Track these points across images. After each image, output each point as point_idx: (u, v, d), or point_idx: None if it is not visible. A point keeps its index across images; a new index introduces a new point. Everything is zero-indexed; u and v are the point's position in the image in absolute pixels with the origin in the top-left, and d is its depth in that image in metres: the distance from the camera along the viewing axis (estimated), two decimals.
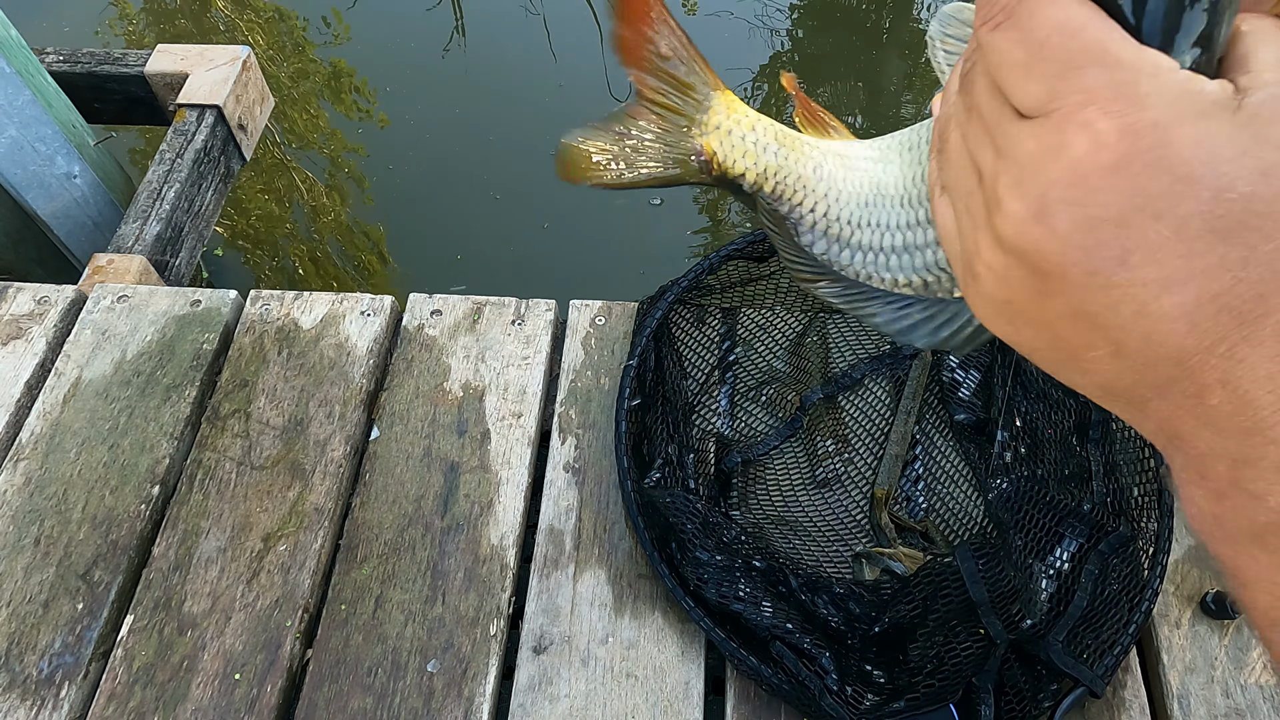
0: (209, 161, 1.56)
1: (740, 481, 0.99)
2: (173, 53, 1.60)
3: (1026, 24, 0.26)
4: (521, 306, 1.08)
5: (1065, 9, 0.26)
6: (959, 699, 0.75)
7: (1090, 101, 0.25)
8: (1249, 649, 0.85)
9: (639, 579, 0.89)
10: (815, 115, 0.38)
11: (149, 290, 1.10)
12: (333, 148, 2.30)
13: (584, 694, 0.83)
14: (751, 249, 0.96)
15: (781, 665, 0.78)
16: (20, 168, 1.46)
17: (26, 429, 0.99)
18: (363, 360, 1.04)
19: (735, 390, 1.04)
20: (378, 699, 0.83)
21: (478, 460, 0.97)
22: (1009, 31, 0.27)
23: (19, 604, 0.88)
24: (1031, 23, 0.26)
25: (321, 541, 0.92)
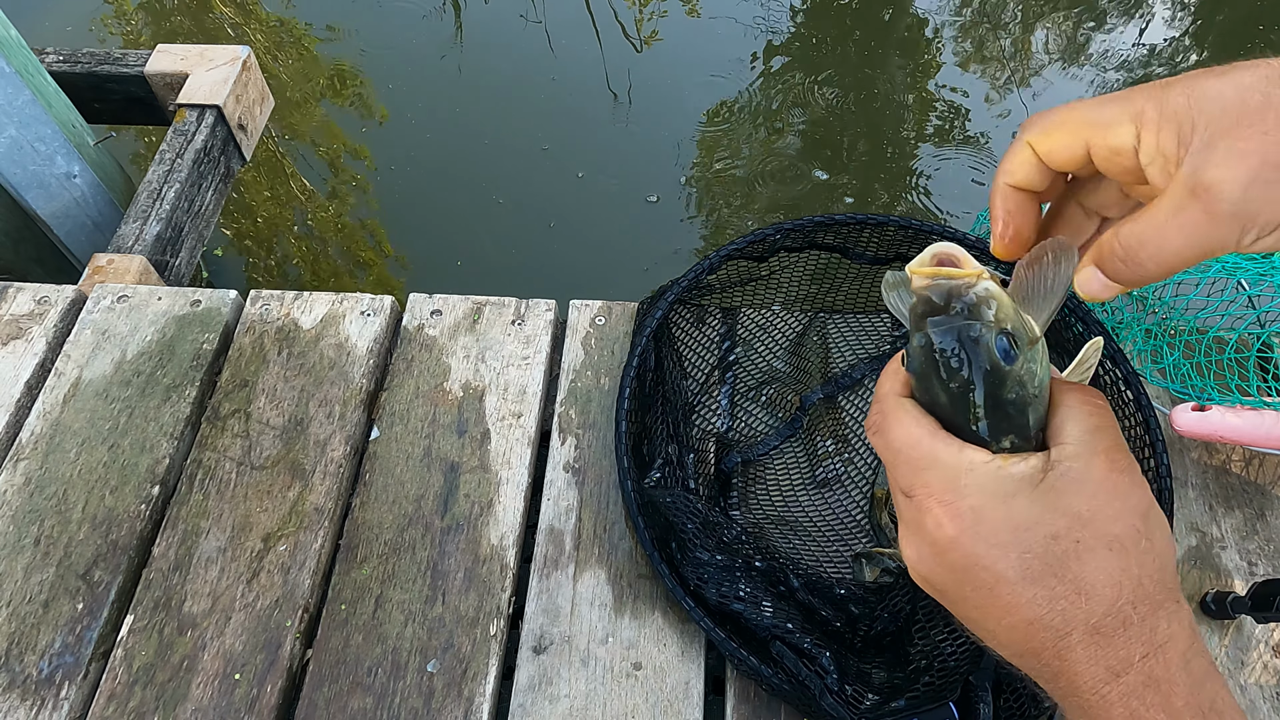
0: (209, 161, 1.56)
1: (740, 481, 0.99)
2: (173, 53, 1.60)
3: (888, 437, 0.40)
4: (521, 306, 1.08)
5: (908, 429, 0.39)
6: (958, 697, 0.75)
7: (930, 494, 0.38)
8: (1249, 649, 0.85)
9: (639, 579, 0.89)
10: None
11: (149, 290, 1.10)
12: (333, 147, 2.30)
13: (584, 694, 0.83)
14: (751, 249, 0.96)
15: (781, 665, 0.78)
16: (20, 167, 1.46)
17: (26, 429, 0.99)
18: (363, 360, 1.04)
19: (735, 390, 1.04)
20: (378, 699, 0.83)
21: (478, 460, 0.97)
22: (879, 439, 0.41)
23: (19, 604, 0.88)
24: (890, 437, 0.40)
25: (321, 541, 0.92)
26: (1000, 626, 0.37)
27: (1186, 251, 0.35)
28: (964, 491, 0.37)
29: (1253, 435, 0.90)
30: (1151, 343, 0.96)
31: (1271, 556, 0.91)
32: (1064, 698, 0.37)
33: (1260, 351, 0.91)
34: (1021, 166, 0.41)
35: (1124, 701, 0.34)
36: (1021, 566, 0.36)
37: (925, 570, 0.39)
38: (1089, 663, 0.35)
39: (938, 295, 0.39)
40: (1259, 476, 0.95)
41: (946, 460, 0.38)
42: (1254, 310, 0.91)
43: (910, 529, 0.39)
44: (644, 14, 2.63)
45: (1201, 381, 0.92)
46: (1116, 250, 0.37)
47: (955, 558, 0.37)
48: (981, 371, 0.38)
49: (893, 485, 0.41)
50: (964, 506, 0.37)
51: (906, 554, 0.40)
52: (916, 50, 2.59)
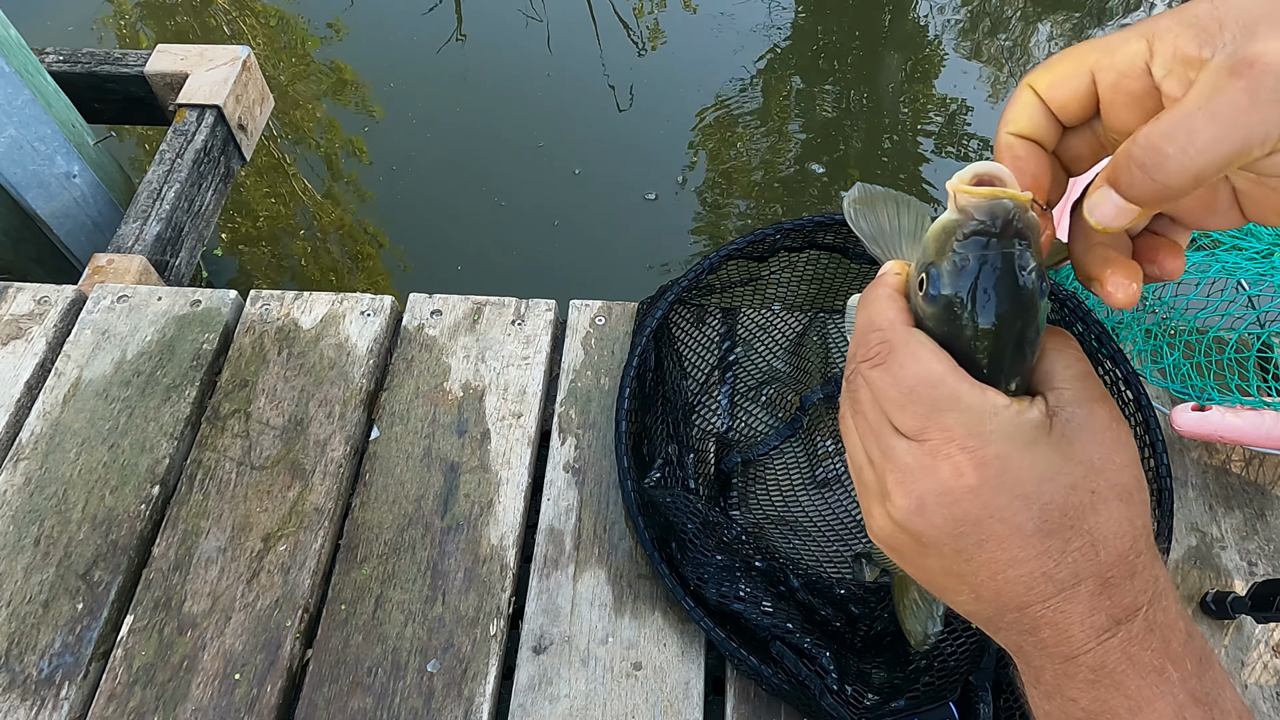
0: (209, 161, 1.56)
1: (740, 481, 0.99)
2: (173, 53, 1.60)
3: (898, 372, 0.36)
4: (521, 306, 1.08)
5: (927, 364, 0.36)
6: (958, 697, 0.75)
7: (951, 439, 0.35)
8: (1249, 649, 0.85)
9: (639, 579, 0.89)
10: None
11: (149, 290, 1.10)
12: (333, 147, 2.30)
13: (584, 694, 0.83)
14: (751, 249, 0.96)
15: (781, 665, 0.78)
16: (20, 167, 1.46)
17: (26, 429, 0.99)
18: (363, 360, 1.04)
19: (735, 390, 1.04)
20: (378, 699, 0.83)
21: (478, 460, 0.97)
22: (884, 374, 0.37)
23: (19, 604, 0.88)
24: (902, 372, 0.36)
25: (321, 541, 0.92)
26: (994, 580, 0.35)
27: (1220, 146, 0.30)
28: (989, 438, 0.35)
29: (1253, 435, 0.90)
30: (1151, 343, 0.96)
31: (1271, 556, 0.91)
32: (1043, 648, 0.35)
33: (1260, 351, 0.91)
34: (1023, 112, 0.37)
35: (1123, 647, 0.34)
36: (1041, 518, 0.34)
37: (917, 522, 0.36)
38: (1091, 613, 0.34)
39: (989, 217, 0.35)
40: (1259, 476, 0.95)
41: (970, 402, 0.35)
42: (1254, 310, 0.91)
43: (911, 477, 0.36)
44: (644, 12, 2.63)
45: (1201, 381, 0.92)
46: (1134, 154, 0.32)
47: (968, 508, 0.35)
48: (1021, 305, 0.35)
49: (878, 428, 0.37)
50: (989, 454, 0.34)
51: (896, 503, 0.36)
52: (917, 49, 2.59)
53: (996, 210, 0.35)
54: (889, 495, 0.37)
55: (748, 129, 2.37)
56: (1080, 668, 0.35)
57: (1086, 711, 0.35)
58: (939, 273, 0.36)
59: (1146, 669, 0.34)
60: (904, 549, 0.38)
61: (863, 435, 0.39)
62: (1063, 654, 0.35)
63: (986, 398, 0.35)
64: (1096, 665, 0.34)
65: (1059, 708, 0.36)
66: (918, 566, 0.38)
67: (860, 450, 0.39)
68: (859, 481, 0.40)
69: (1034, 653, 0.36)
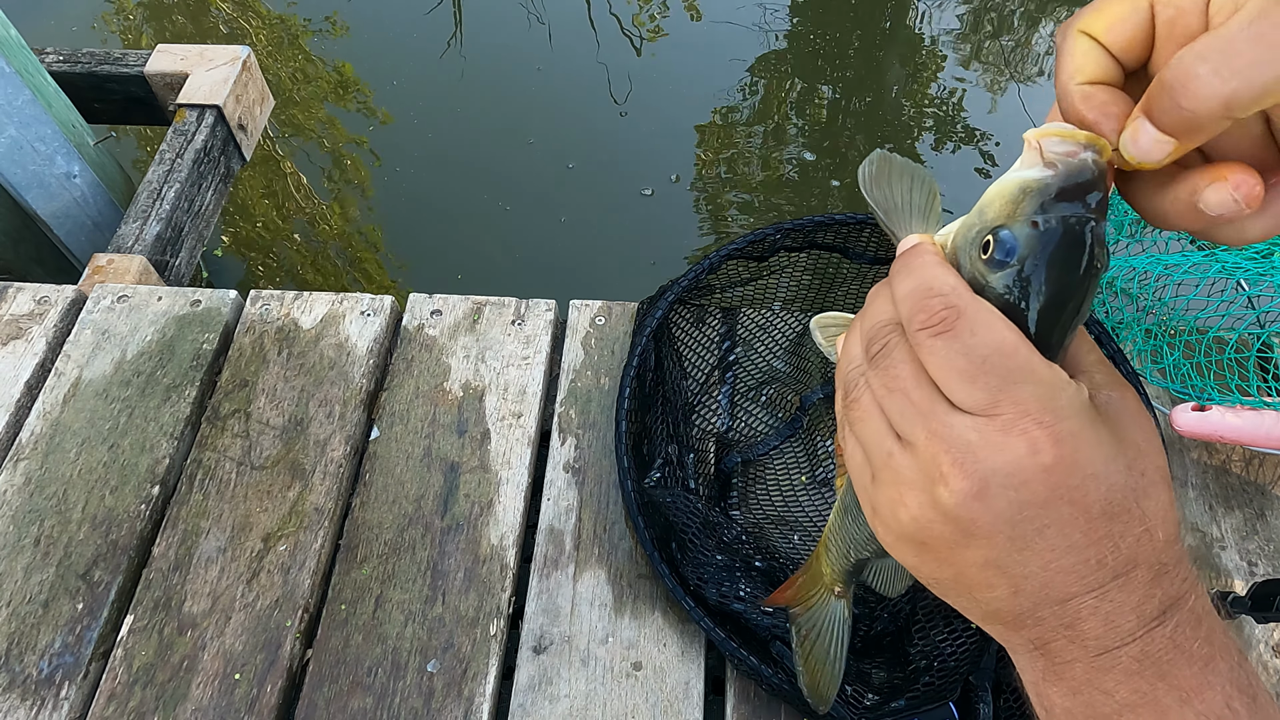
0: (209, 161, 1.56)
1: (740, 481, 0.99)
2: (173, 53, 1.60)
3: (969, 340, 0.33)
4: (521, 306, 1.08)
5: (1001, 332, 0.33)
6: (958, 697, 0.75)
7: (1026, 413, 0.32)
8: (1249, 649, 0.85)
9: (639, 579, 0.89)
10: None
11: (149, 290, 1.10)
12: (333, 146, 2.30)
13: (584, 694, 0.83)
14: (751, 249, 0.96)
15: (781, 665, 0.78)
16: (20, 167, 1.46)
17: (26, 429, 0.99)
18: (363, 360, 1.04)
19: (735, 390, 1.04)
20: (378, 699, 0.83)
21: (478, 460, 0.97)
22: (952, 342, 0.33)
23: (19, 604, 0.88)
24: (974, 340, 0.33)
25: (321, 541, 0.92)
26: (1045, 571, 0.33)
27: (1258, 70, 0.27)
28: (1062, 413, 0.32)
29: (1253, 435, 0.90)
30: (1151, 343, 0.96)
31: (1271, 556, 0.91)
32: (1079, 641, 0.33)
33: (1260, 351, 0.91)
34: (1086, 58, 0.33)
35: (1171, 636, 0.33)
36: (1107, 500, 0.32)
37: (973, 508, 0.33)
38: (1144, 601, 0.33)
39: (1073, 182, 0.32)
40: (1259, 476, 0.95)
41: (1044, 376, 0.33)
42: (1254, 310, 0.91)
43: (975, 456, 0.32)
44: (643, 12, 2.63)
45: (1201, 381, 0.92)
46: (1165, 77, 0.29)
47: (1037, 490, 0.32)
48: (1093, 277, 0.33)
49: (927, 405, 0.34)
50: (1064, 431, 0.32)
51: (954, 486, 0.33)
52: (917, 49, 2.59)
53: (1086, 167, 0.32)
54: (944, 478, 0.33)
55: (748, 128, 2.37)
56: (1121, 659, 0.33)
57: (1123, 704, 0.33)
58: (1012, 235, 0.33)
59: (1195, 658, 0.33)
60: (939, 543, 0.35)
61: (897, 415, 0.35)
62: (1103, 646, 0.33)
63: (1057, 373, 0.33)
64: (1141, 655, 0.33)
65: (1086, 703, 0.34)
66: (947, 562, 0.35)
67: (887, 435, 0.36)
68: (884, 471, 0.36)
69: (1065, 647, 0.34)
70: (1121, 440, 0.34)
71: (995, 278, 0.34)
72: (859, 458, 0.38)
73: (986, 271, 0.34)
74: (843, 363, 0.39)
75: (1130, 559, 0.33)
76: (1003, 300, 0.34)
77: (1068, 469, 0.32)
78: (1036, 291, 0.33)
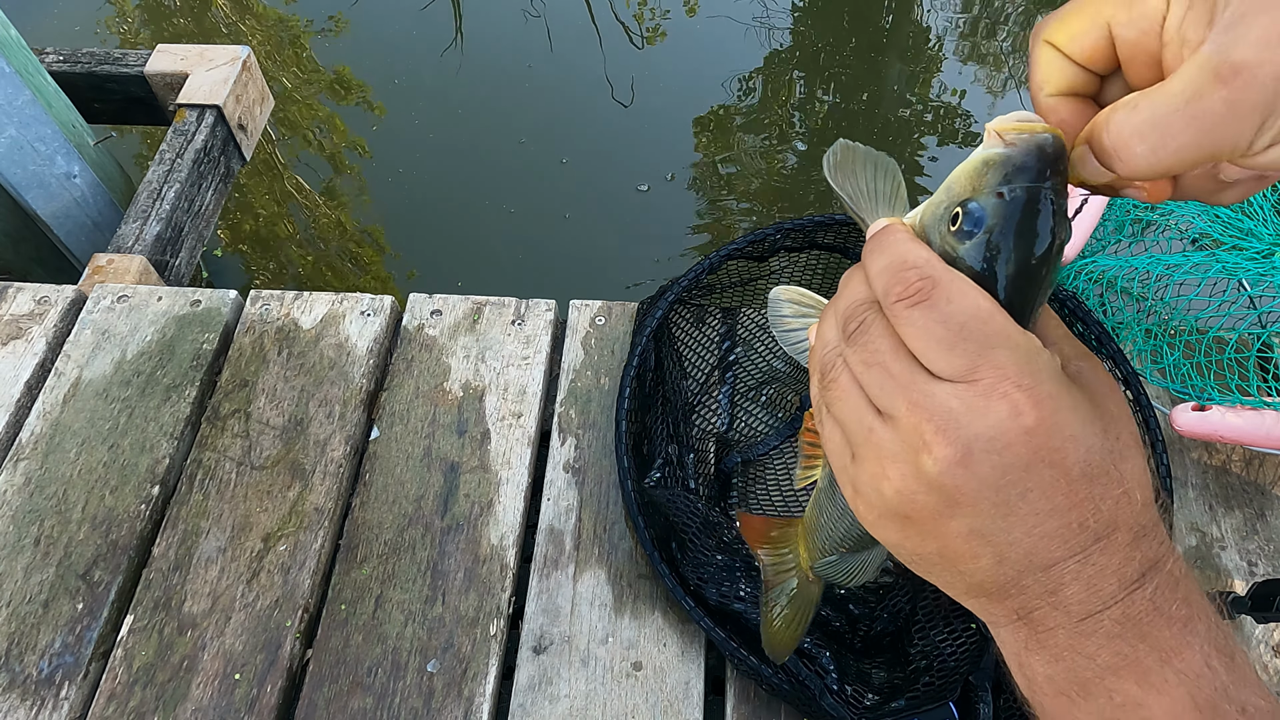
0: (209, 161, 1.56)
1: (740, 481, 0.99)
2: (173, 53, 1.61)
3: (945, 308, 0.34)
4: (521, 306, 1.08)
5: (976, 299, 0.34)
6: (958, 697, 0.75)
7: (1005, 376, 0.33)
8: (1249, 649, 0.85)
9: (639, 579, 0.89)
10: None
11: (149, 290, 1.10)
12: (333, 146, 2.30)
13: (584, 694, 0.83)
14: (751, 249, 0.96)
15: (782, 665, 0.78)
16: (20, 167, 1.46)
17: (26, 429, 0.99)
18: (363, 360, 1.04)
19: (735, 390, 1.04)
20: (378, 699, 0.83)
21: (478, 460, 0.97)
22: (929, 311, 0.34)
23: (19, 604, 0.88)
24: (951, 308, 0.34)
25: (321, 541, 0.92)
26: (1029, 537, 0.33)
27: (1189, 152, 0.30)
28: (1041, 376, 0.33)
29: (1253, 435, 0.90)
30: (1151, 343, 0.96)
31: (1271, 556, 0.90)
32: (1061, 608, 0.34)
33: (1260, 351, 0.91)
34: (1051, 69, 0.35)
35: (1151, 599, 0.33)
36: (1086, 461, 0.33)
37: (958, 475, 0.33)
38: (1124, 564, 0.33)
39: (1038, 152, 0.33)
40: (1259, 476, 0.95)
41: (1020, 340, 0.33)
42: (1254, 310, 0.91)
43: (957, 422, 0.33)
44: (644, 12, 2.63)
45: (1201, 381, 0.92)
46: (1105, 142, 0.32)
47: (1020, 453, 0.32)
48: (1057, 247, 0.34)
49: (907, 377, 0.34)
50: (1044, 393, 0.33)
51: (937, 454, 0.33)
52: (917, 49, 2.59)
53: (1045, 146, 0.34)
54: (927, 446, 0.33)
55: (748, 127, 2.37)
56: (1103, 622, 0.33)
57: (1105, 667, 0.34)
58: (980, 207, 0.35)
59: (1174, 619, 0.33)
60: (923, 514, 0.35)
61: (876, 389, 0.35)
62: (1085, 611, 0.34)
63: (1031, 339, 0.34)
64: (1122, 618, 0.33)
65: (1068, 669, 0.34)
66: (931, 535, 0.35)
67: (867, 410, 0.36)
68: (864, 447, 0.36)
69: (1048, 614, 0.34)
70: (1096, 406, 0.34)
71: (965, 248, 0.35)
72: (837, 439, 0.38)
73: (956, 243, 0.35)
74: (817, 348, 0.39)
75: (1110, 521, 0.33)
76: (973, 271, 0.35)
77: (1048, 430, 0.33)
78: (1005, 259, 0.34)
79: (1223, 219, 1.02)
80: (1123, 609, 0.33)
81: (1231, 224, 1.01)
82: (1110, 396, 0.35)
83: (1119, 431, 0.34)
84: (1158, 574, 0.34)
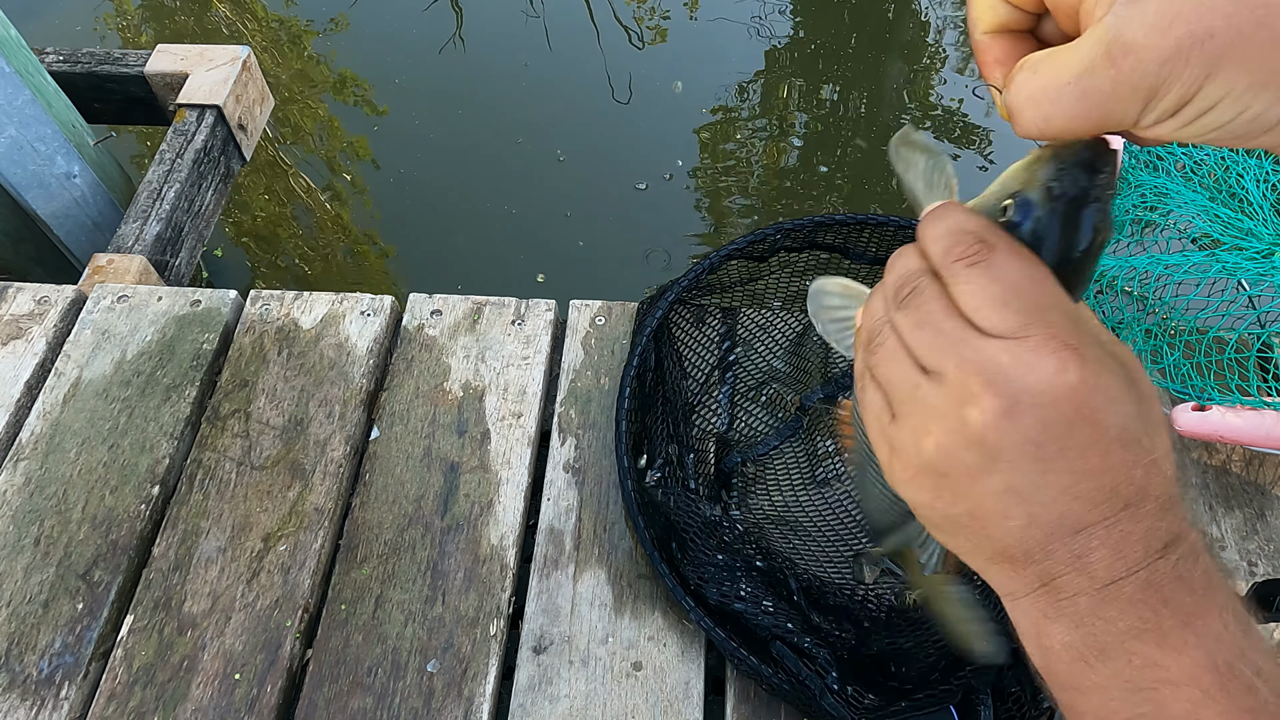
0: (209, 161, 1.56)
1: (740, 481, 0.99)
2: (173, 53, 1.60)
3: (1002, 268, 0.35)
4: (521, 306, 1.08)
5: (1031, 264, 0.35)
6: (959, 700, 0.75)
7: (1055, 334, 0.34)
8: None
9: (639, 579, 0.89)
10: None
11: (149, 290, 1.10)
12: (333, 146, 2.30)
13: (584, 694, 0.83)
14: (751, 249, 0.96)
15: (782, 665, 0.78)
16: (20, 167, 1.46)
17: (26, 429, 0.99)
18: (363, 360, 1.04)
19: (735, 390, 1.04)
20: (378, 699, 0.83)
21: (478, 460, 0.97)
22: (988, 269, 0.35)
23: (19, 604, 0.88)
24: (1007, 268, 0.35)
25: (321, 541, 0.92)
26: (1063, 496, 0.34)
27: (1077, 122, 0.32)
28: (1087, 339, 0.34)
29: (1253, 435, 0.90)
30: (1151, 343, 0.96)
31: (1271, 556, 0.90)
32: (1086, 573, 0.34)
33: (1260, 351, 0.91)
34: (984, 6, 0.37)
35: (1174, 568, 0.34)
36: (1123, 427, 0.34)
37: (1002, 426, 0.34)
38: (1150, 533, 0.34)
39: (1080, 155, 0.35)
40: (1259, 476, 0.95)
41: (1068, 305, 0.35)
42: (1254, 310, 0.91)
43: (1006, 375, 0.34)
44: (643, 12, 2.63)
45: (1201, 381, 0.92)
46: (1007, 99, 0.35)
47: (1063, 409, 0.33)
48: (1099, 245, 0.36)
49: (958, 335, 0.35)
50: (1090, 354, 0.34)
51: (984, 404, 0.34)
52: (917, 48, 2.59)
53: (1094, 148, 0.35)
54: (975, 398, 0.34)
55: (748, 127, 2.37)
56: (1126, 588, 0.34)
57: (1126, 631, 0.34)
58: (1032, 200, 0.36)
59: (1195, 587, 0.34)
60: (960, 471, 0.35)
61: (928, 349, 0.36)
62: (1110, 576, 0.34)
63: (1081, 305, 0.36)
64: (1145, 584, 0.34)
65: (1088, 634, 0.35)
66: (964, 494, 0.36)
67: (911, 370, 0.37)
68: (907, 404, 0.37)
69: (1072, 580, 0.35)
70: (1134, 379, 0.35)
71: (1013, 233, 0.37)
72: (878, 402, 0.39)
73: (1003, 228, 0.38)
74: (865, 320, 0.41)
75: (1141, 490, 0.34)
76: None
77: (1091, 389, 0.33)
78: (1050, 250, 0.36)
79: (1223, 219, 1.02)
80: (1146, 575, 0.34)
81: (1231, 224, 1.01)
82: (1144, 378, 0.36)
83: (1152, 407, 0.35)
84: (1181, 544, 0.34)
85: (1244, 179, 1.06)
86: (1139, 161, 1.12)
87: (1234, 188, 1.07)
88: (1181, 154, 1.11)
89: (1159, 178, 1.08)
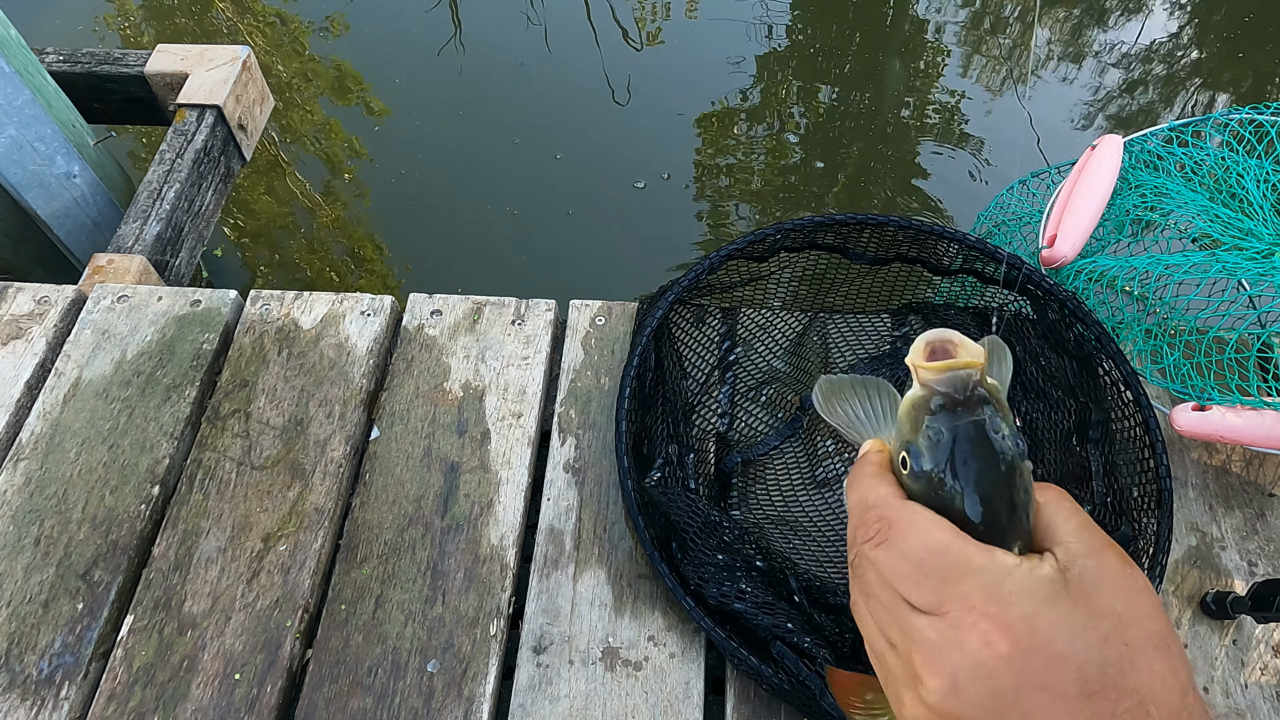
0: (209, 161, 1.56)
1: (740, 481, 0.99)
2: (173, 53, 1.61)
3: (903, 546, 0.35)
4: (521, 306, 1.08)
5: (930, 533, 0.35)
6: None
7: (971, 606, 0.33)
8: (1249, 649, 0.85)
9: (639, 579, 0.89)
10: None
11: (149, 290, 1.10)
12: (333, 146, 2.30)
13: (584, 694, 0.83)
14: (751, 249, 0.96)
15: (782, 665, 0.78)
16: (20, 167, 1.46)
17: (26, 429, 0.99)
18: (363, 360, 1.04)
19: (735, 390, 1.04)
20: (378, 699, 0.83)
21: (478, 460, 0.97)
22: (890, 550, 0.36)
23: (19, 604, 0.88)
24: (907, 545, 0.35)
25: (321, 541, 0.92)
26: None
27: None
28: (1009, 600, 0.33)
29: (1253, 435, 0.90)
30: (1151, 343, 0.96)
31: (1271, 556, 0.91)
32: None
33: (1260, 351, 0.91)
34: None
35: None
36: (1081, 680, 0.32)
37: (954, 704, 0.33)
38: None
39: (951, 388, 0.36)
40: (1259, 476, 0.95)
41: (981, 565, 0.34)
42: (1254, 310, 0.91)
43: (938, 654, 0.33)
44: (644, 13, 2.63)
45: (1201, 381, 0.92)
46: None
47: (1004, 679, 0.32)
48: (1004, 469, 0.35)
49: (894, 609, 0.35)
50: (1014, 617, 0.32)
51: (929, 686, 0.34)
52: (917, 49, 2.59)
53: (957, 381, 0.36)
54: (919, 679, 0.34)
55: (748, 127, 2.37)
56: None
57: None
58: (918, 449, 0.37)
59: None
60: None
61: (879, 620, 0.37)
62: None
63: (996, 558, 0.34)
64: None
65: None
66: None
67: (879, 636, 0.37)
68: (882, 669, 0.38)
69: None
70: (1093, 612, 0.33)
71: (917, 488, 0.37)
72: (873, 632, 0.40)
73: (910, 483, 0.38)
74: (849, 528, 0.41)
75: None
76: (933, 506, 0.37)
77: (1025, 654, 0.32)
78: (954, 494, 0.36)
79: (1223, 219, 1.02)
80: None
81: (1231, 224, 1.01)
82: (1118, 594, 0.34)
83: (1127, 636, 0.33)
84: None
85: (1244, 179, 1.06)
86: (1139, 161, 1.12)
87: (1234, 188, 1.07)
88: (1181, 154, 1.11)
89: (1159, 178, 1.08)
